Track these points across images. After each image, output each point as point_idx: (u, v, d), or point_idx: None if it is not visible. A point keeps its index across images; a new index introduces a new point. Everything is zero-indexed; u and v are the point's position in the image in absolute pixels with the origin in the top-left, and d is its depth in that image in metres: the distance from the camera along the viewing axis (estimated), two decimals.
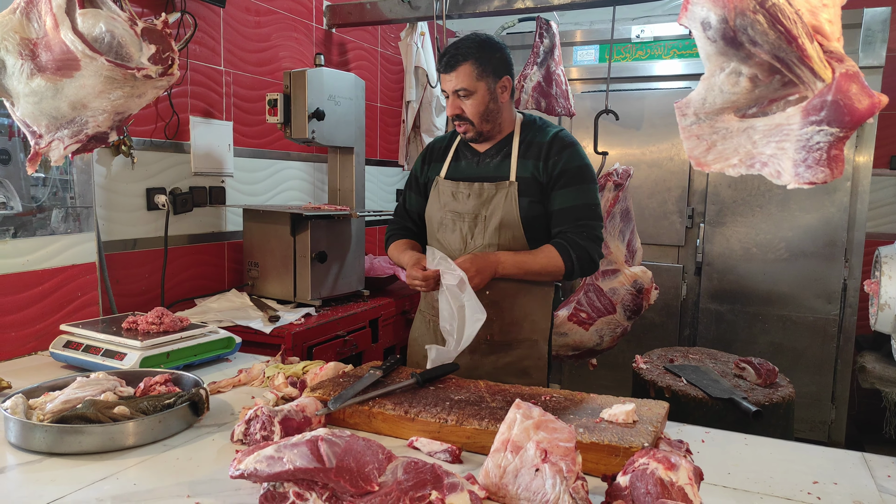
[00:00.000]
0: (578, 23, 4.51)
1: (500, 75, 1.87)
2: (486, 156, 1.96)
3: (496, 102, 1.88)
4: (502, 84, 1.88)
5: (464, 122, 1.90)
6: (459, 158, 2.02)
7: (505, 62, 1.89)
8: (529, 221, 1.88)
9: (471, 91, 1.85)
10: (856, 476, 1.28)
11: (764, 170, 1.00)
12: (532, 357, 1.96)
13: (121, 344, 1.80)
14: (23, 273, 2.01)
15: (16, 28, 1.34)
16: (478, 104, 1.86)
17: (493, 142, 1.96)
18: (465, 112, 1.87)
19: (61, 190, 2.12)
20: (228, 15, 2.89)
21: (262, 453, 1.05)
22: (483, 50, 1.85)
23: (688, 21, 0.98)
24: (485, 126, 1.90)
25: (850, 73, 0.87)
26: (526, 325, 1.96)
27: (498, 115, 1.90)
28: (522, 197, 1.87)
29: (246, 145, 3.06)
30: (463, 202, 1.93)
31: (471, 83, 1.84)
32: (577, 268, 1.84)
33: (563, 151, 1.89)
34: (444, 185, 1.98)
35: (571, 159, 1.88)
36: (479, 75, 1.84)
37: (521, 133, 1.94)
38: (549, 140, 1.91)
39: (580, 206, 1.86)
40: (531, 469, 1.06)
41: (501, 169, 1.92)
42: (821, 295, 3.34)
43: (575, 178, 1.87)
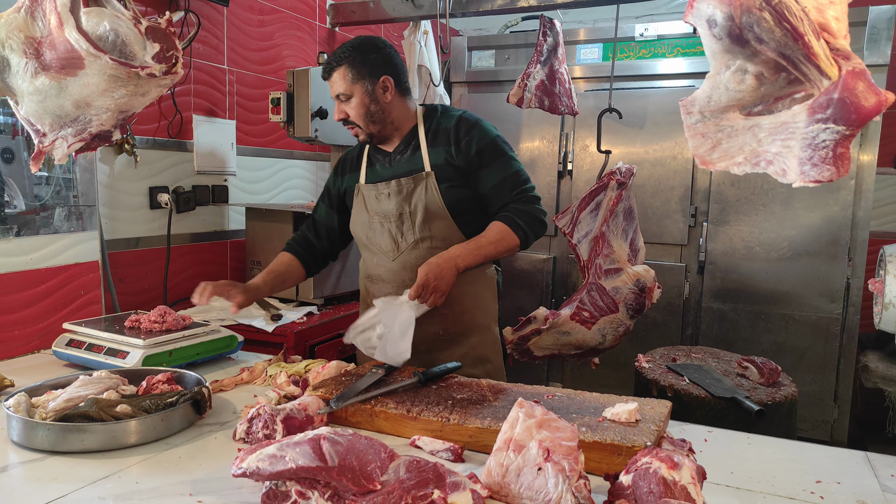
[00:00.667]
0: (582, 21, 4.50)
1: (377, 76, 1.87)
2: (396, 153, 1.97)
3: (378, 104, 1.88)
4: (382, 84, 1.87)
5: (352, 126, 1.92)
6: (373, 163, 2.02)
7: (383, 62, 1.89)
8: (454, 206, 1.89)
9: (348, 95, 1.86)
10: (859, 475, 1.27)
11: (769, 168, 0.99)
12: (487, 342, 1.99)
13: (123, 342, 1.80)
14: (26, 271, 2.01)
15: (20, 27, 1.34)
16: (358, 107, 1.87)
17: (398, 139, 1.97)
18: (349, 115, 1.89)
19: (64, 188, 2.13)
20: (232, 14, 2.89)
21: (265, 452, 1.05)
22: (358, 52, 1.86)
23: (693, 18, 0.98)
24: (372, 128, 1.90)
25: (856, 71, 0.86)
26: (478, 312, 1.98)
27: (384, 115, 1.90)
28: (441, 184, 1.88)
29: (249, 144, 3.06)
30: (385, 202, 1.93)
31: (347, 87, 1.85)
32: (529, 233, 1.87)
33: (471, 131, 1.90)
34: (367, 190, 1.98)
35: (482, 136, 1.90)
36: (354, 78, 1.85)
37: (425, 123, 1.96)
38: (454, 124, 1.92)
39: (509, 178, 1.89)
40: (534, 468, 1.06)
41: (414, 162, 1.93)
42: (824, 294, 3.33)
43: (493, 153, 1.89)
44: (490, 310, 2.01)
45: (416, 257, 1.90)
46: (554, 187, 3.83)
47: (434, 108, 2.01)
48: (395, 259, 1.95)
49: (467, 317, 1.96)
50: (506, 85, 3.89)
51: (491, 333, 2.02)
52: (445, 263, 1.78)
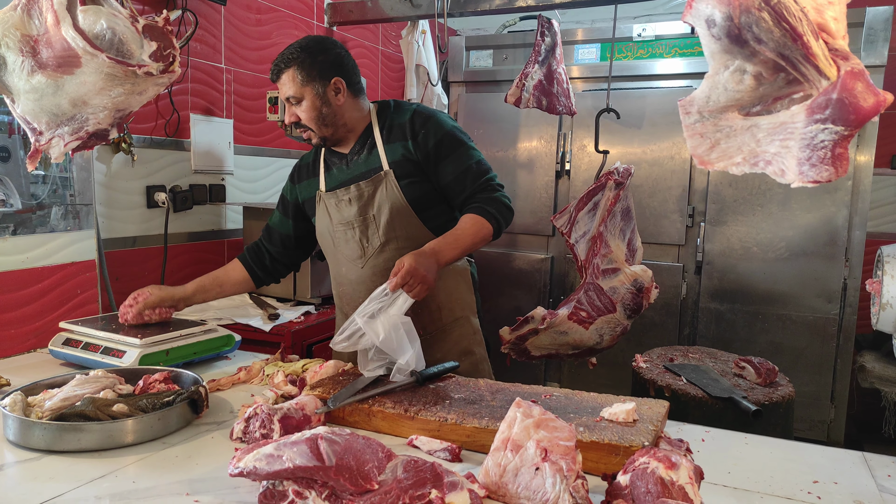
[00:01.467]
0: (580, 21, 4.51)
1: (327, 78, 1.81)
2: (352, 154, 1.92)
3: (329, 106, 1.83)
4: (333, 86, 1.82)
5: (304, 129, 1.87)
6: (330, 167, 1.96)
7: (333, 63, 1.83)
8: (417, 202, 1.85)
9: (299, 98, 1.81)
10: (856, 476, 1.27)
11: (768, 168, 0.99)
12: (468, 334, 1.97)
13: (120, 341, 1.80)
14: (22, 270, 2.00)
15: (17, 25, 1.34)
16: (309, 110, 1.82)
17: (353, 138, 1.92)
18: (300, 118, 1.84)
19: (61, 187, 2.12)
20: (229, 13, 2.88)
21: (262, 451, 1.05)
22: (306, 53, 1.80)
23: (692, 18, 0.98)
24: (325, 130, 1.86)
25: (855, 71, 0.86)
26: (455, 306, 1.95)
27: (336, 117, 1.85)
28: (401, 181, 1.84)
29: (246, 143, 3.06)
30: (347, 209, 1.89)
31: (296, 90, 1.80)
32: (501, 221, 1.82)
33: (427, 124, 1.85)
34: (328, 198, 1.93)
35: (438, 128, 1.85)
36: (303, 81, 1.79)
37: (379, 120, 1.91)
38: (409, 118, 1.87)
39: (471, 167, 1.84)
40: (531, 468, 1.06)
41: (371, 162, 1.88)
42: (821, 294, 3.34)
43: (451, 144, 1.85)
44: (466, 301, 1.99)
45: (384, 261, 1.87)
46: (552, 187, 3.83)
47: (386, 104, 1.95)
48: (363, 266, 1.91)
49: (445, 312, 1.94)
50: (504, 85, 3.89)
51: (471, 325, 1.99)
52: (429, 262, 1.67)
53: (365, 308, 1.59)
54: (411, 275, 1.60)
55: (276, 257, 2.10)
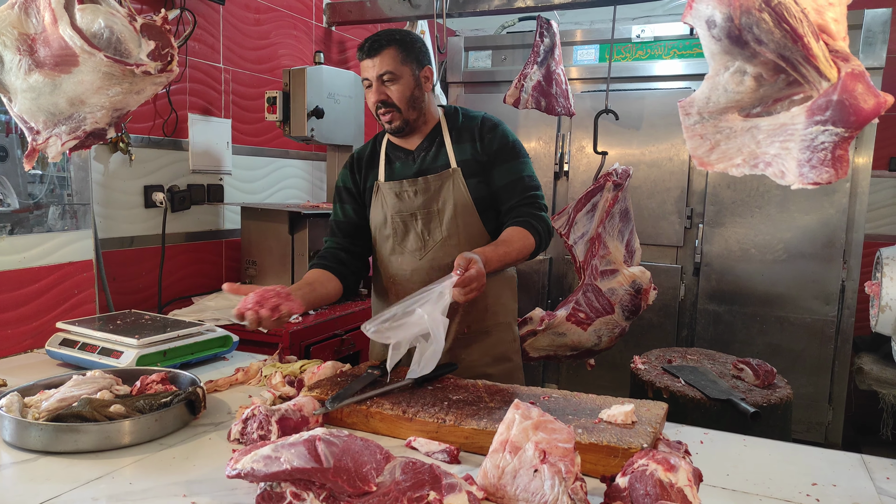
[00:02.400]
0: (579, 22, 4.51)
1: (422, 64, 1.87)
2: (419, 150, 1.93)
3: (421, 90, 1.86)
4: (425, 73, 1.87)
5: (390, 110, 1.83)
6: (392, 161, 1.96)
7: (426, 53, 1.89)
8: (480, 202, 1.88)
9: (396, 75, 1.80)
10: (855, 478, 1.27)
11: (768, 170, 0.99)
12: (507, 340, 2.00)
13: (117, 342, 1.79)
14: (19, 270, 1.99)
15: (14, 23, 1.33)
16: (404, 89, 1.82)
17: (421, 135, 1.93)
18: (390, 98, 1.82)
19: (58, 187, 2.11)
20: (228, 12, 2.88)
21: (259, 453, 1.05)
22: (406, 36, 1.85)
23: (692, 19, 0.97)
24: (411, 114, 1.86)
25: (855, 73, 0.86)
26: (499, 310, 1.98)
27: (423, 103, 1.88)
28: (468, 179, 1.87)
29: (244, 143, 3.05)
30: (410, 201, 1.89)
31: (396, 67, 1.80)
32: (543, 241, 1.85)
33: (494, 130, 1.91)
34: (387, 188, 1.92)
35: (505, 136, 1.91)
36: (403, 60, 1.81)
37: (448, 123, 1.94)
38: (479, 122, 1.93)
39: (525, 178, 1.89)
40: (530, 470, 1.06)
41: (439, 159, 1.90)
42: (819, 296, 3.34)
43: (512, 152, 1.90)
44: (510, 308, 2.03)
45: (444, 255, 1.87)
46: (550, 188, 3.83)
47: (455, 108, 1.99)
48: (422, 258, 1.91)
49: (489, 314, 1.96)
50: (502, 85, 3.89)
51: (511, 332, 2.03)
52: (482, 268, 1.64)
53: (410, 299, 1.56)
54: (478, 280, 1.57)
55: (351, 250, 1.99)
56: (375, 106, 1.85)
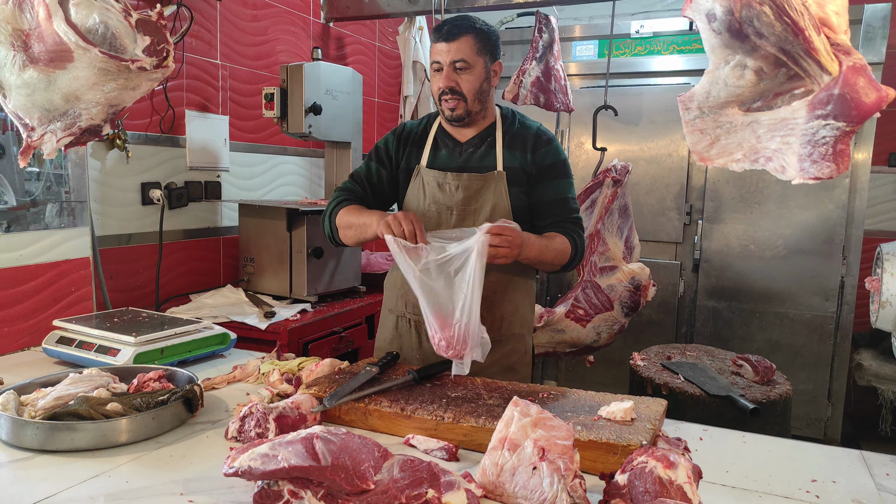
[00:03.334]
0: (577, 18, 4.49)
1: (495, 57, 1.84)
2: (468, 146, 1.89)
3: (489, 83, 1.84)
4: (495, 68, 1.85)
5: (455, 97, 1.79)
6: (439, 147, 1.91)
7: (499, 48, 1.86)
8: (518, 212, 1.84)
9: (470, 64, 1.77)
10: (854, 474, 1.27)
11: (768, 165, 0.98)
12: (518, 352, 1.94)
13: (114, 340, 1.78)
14: (16, 268, 1.99)
15: (8, 18, 1.32)
16: (475, 80, 1.79)
17: (475, 130, 1.89)
18: (459, 86, 1.78)
19: (55, 184, 2.10)
20: (225, 8, 2.86)
21: (257, 451, 1.04)
22: (484, 27, 1.82)
23: (692, 12, 0.96)
24: (476, 105, 1.82)
25: (857, 67, 0.85)
26: (515, 320, 1.93)
27: (488, 97, 1.85)
28: (511, 187, 1.83)
29: (242, 140, 3.04)
30: (451, 194, 1.85)
31: (471, 56, 1.77)
32: (578, 257, 1.85)
33: (549, 144, 1.89)
34: (429, 176, 1.88)
35: (558, 153, 1.90)
36: (479, 50, 1.78)
37: (503, 124, 1.90)
38: (534, 132, 1.89)
39: (570, 200, 1.89)
40: (528, 467, 1.05)
41: (487, 159, 1.86)
42: (818, 292, 3.34)
43: (563, 171, 1.89)
44: (526, 319, 1.97)
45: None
46: None
47: (511, 112, 1.95)
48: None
49: (505, 324, 1.91)
50: (501, 81, 3.87)
51: (524, 343, 1.96)
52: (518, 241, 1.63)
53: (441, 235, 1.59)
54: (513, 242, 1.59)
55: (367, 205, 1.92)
56: (441, 91, 1.81)
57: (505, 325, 1.90)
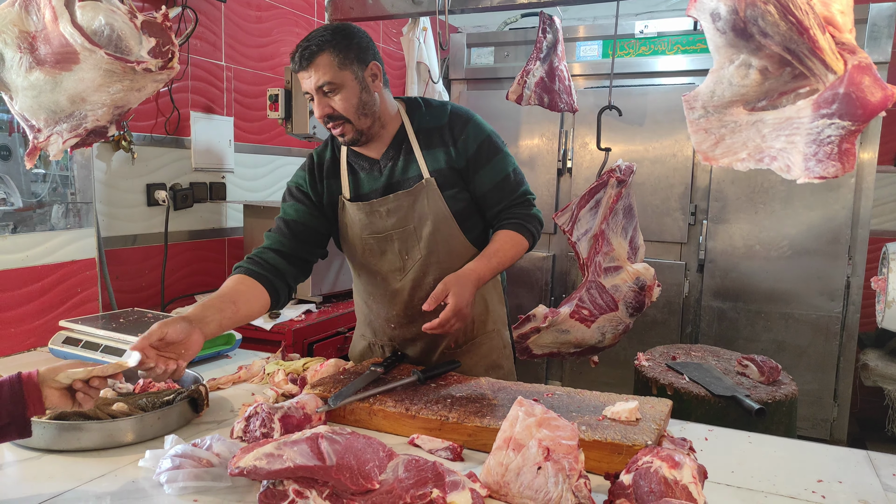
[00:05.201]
0: (582, 18, 4.49)
1: (365, 61, 1.61)
2: (385, 159, 1.72)
3: (369, 92, 1.62)
4: (371, 71, 1.62)
5: (338, 122, 1.61)
6: (356, 172, 1.75)
7: (367, 46, 1.63)
8: (460, 214, 1.71)
9: (336, 84, 1.57)
10: (860, 475, 1.27)
11: (773, 164, 0.98)
12: (497, 348, 1.88)
13: (120, 340, 1.79)
14: (22, 269, 2.00)
15: (14, 21, 1.33)
16: (349, 97, 1.58)
17: (385, 141, 1.71)
18: (336, 110, 1.59)
19: (61, 185, 2.11)
20: (229, 10, 2.87)
21: (262, 451, 1.04)
22: (339, 37, 1.58)
23: (697, 12, 0.96)
24: (363, 122, 1.63)
25: (862, 66, 0.85)
26: (488, 319, 1.86)
27: (374, 106, 1.64)
28: (445, 191, 1.68)
29: (247, 141, 3.05)
30: (384, 220, 1.70)
31: (333, 75, 1.56)
32: (537, 237, 1.77)
33: (466, 128, 1.69)
34: (353, 209, 1.72)
35: (478, 133, 1.70)
36: (340, 64, 1.57)
37: (411, 122, 1.72)
38: (447, 121, 1.70)
39: (508, 178, 1.73)
40: (533, 467, 1.05)
41: (409, 170, 1.69)
42: (824, 292, 3.32)
43: (491, 149, 1.71)
44: (498, 314, 1.90)
45: (424, 274, 1.72)
46: (553, 185, 3.82)
47: (415, 102, 1.76)
48: (402, 280, 1.74)
49: (477, 324, 1.84)
50: (505, 82, 3.88)
51: (500, 338, 1.91)
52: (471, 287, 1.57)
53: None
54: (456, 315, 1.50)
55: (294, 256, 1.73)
56: (322, 120, 1.63)
57: (478, 327, 1.85)
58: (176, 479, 1.12)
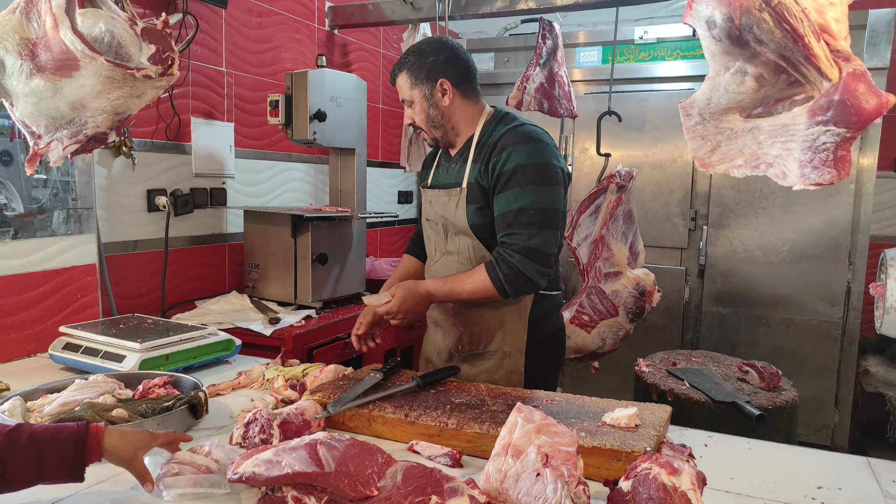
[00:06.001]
0: (581, 24, 4.50)
1: (434, 79, 1.80)
2: (454, 161, 1.89)
3: (437, 108, 1.82)
4: (440, 88, 1.80)
5: (420, 130, 1.88)
6: (440, 164, 1.97)
7: (440, 64, 1.80)
8: (480, 230, 1.78)
9: (410, 100, 1.85)
10: (860, 481, 1.26)
11: (769, 171, 0.98)
12: (503, 369, 1.84)
13: (120, 346, 1.79)
14: (23, 274, 2.00)
15: (15, 28, 1.33)
16: (420, 111, 1.84)
17: (459, 145, 1.88)
18: (414, 120, 1.87)
19: (62, 191, 2.12)
20: (230, 16, 2.88)
21: (261, 457, 1.04)
22: (417, 56, 1.82)
23: (692, 20, 0.97)
24: (435, 132, 1.86)
25: (857, 73, 0.85)
26: (497, 336, 1.84)
27: (444, 119, 1.83)
28: (470, 204, 1.78)
29: (247, 146, 3.06)
30: (431, 210, 1.93)
31: (409, 92, 1.84)
32: (509, 289, 1.68)
33: (503, 151, 1.72)
34: (424, 194, 1.99)
35: (512, 158, 1.70)
36: (412, 84, 1.82)
37: (480, 134, 1.83)
38: (496, 139, 1.76)
39: (512, 212, 1.69)
40: (532, 474, 1.05)
41: (460, 174, 1.84)
42: (824, 298, 3.32)
43: (512, 179, 1.70)
44: (515, 336, 1.83)
45: (444, 268, 1.88)
46: None
47: (497, 114, 1.87)
48: (432, 265, 1.96)
49: (486, 339, 1.85)
50: (505, 88, 3.89)
51: (510, 361, 1.84)
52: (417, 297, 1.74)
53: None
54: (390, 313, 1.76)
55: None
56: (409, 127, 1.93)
57: (485, 341, 1.85)
58: (175, 486, 1.12)
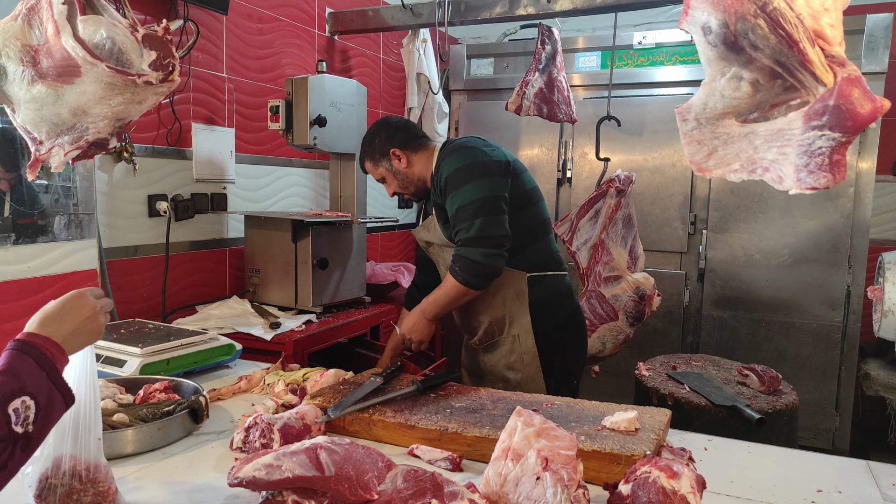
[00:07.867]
0: (580, 29, 4.52)
1: (386, 154, 2.09)
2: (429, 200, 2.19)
3: (401, 173, 2.10)
4: (394, 157, 2.08)
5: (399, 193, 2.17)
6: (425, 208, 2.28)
7: (384, 141, 2.08)
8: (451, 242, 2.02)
9: (381, 178, 2.15)
10: (860, 484, 1.26)
11: (766, 175, 0.99)
12: (516, 352, 2.07)
13: (121, 351, 1.79)
14: (24, 280, 2.00)
15: (17, 35, 1.34)
16: (391, 183, 2.14)
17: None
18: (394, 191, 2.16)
19: (63, 196, 2.12)
20: (231, 22, 2.90)
21: (261, 461, 1.05)
22: (368, 145, 2.13)
23: (688, 26, 0.98)
24: (410, 189, 2.14)
25: (851, 78, 0.86)
26: (506, 323, 2.08)
27: (411, 177, 2.11)
28: (439, 221, 2.06)
29: (248, 152, 3.07)
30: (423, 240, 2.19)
31: (376, 174, 2.15)
32: (470, 278, 1.90)
33: (440, 169, 1.98)
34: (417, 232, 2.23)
35: (443, 172, 1.96)
36: (375, 165, 2.13)
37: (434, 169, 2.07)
38: (438, 164, 2.01)
39: (455, 213, 1.93)
40: (532, 477, 1.05)
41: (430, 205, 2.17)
42: (824, 301, 3.32)
43: (449, 186, 1.94)
44: (520, 322, 2.06)
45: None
46: (553, 195, 3.83)
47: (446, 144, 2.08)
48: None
49: (498, 328, 2.09)
50: (504, 93, 3.90)
51: (520, 343, 2.06)
52: (415, 317, 2.01)
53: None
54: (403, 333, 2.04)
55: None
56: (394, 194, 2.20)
57: (498, 329, 2.10)
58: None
